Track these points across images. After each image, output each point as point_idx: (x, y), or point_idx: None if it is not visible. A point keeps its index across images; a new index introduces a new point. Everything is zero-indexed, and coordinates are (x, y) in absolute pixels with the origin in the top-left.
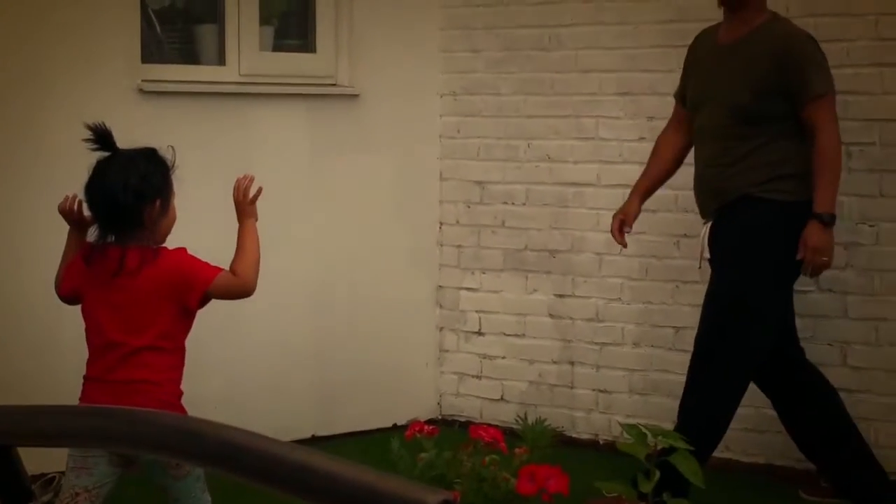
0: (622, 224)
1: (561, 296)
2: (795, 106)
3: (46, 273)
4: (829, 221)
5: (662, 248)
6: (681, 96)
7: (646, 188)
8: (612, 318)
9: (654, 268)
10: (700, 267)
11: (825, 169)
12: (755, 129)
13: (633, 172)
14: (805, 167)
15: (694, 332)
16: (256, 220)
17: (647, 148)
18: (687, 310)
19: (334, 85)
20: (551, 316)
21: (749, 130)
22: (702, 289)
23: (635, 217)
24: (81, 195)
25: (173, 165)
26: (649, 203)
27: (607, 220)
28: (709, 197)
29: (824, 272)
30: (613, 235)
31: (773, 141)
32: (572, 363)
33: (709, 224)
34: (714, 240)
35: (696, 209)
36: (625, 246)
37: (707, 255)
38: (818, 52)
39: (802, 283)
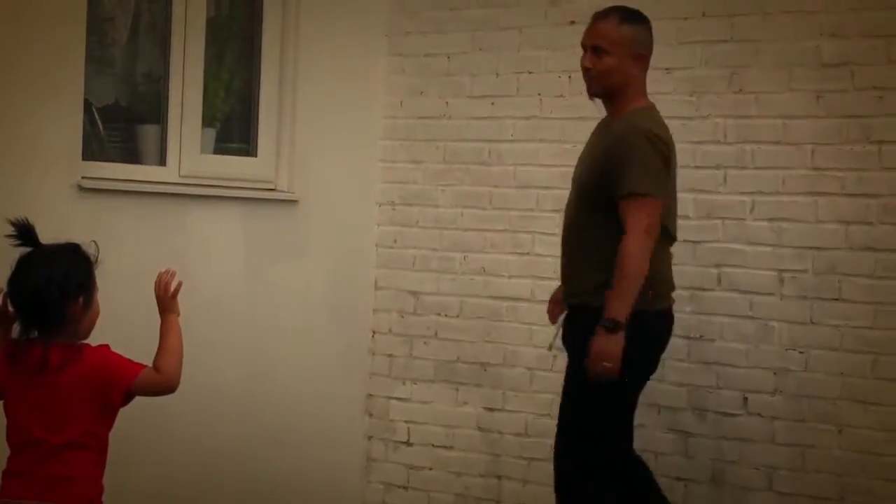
0: (552, 305)
1: (491, 409)
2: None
3: None
4: (611, 328)
5: None
6: None
7: None
8: (541, 434)
9: None
10: (550, 349)
11: (621, 275)
12: (596, 217)
13: None
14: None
15: None
16: (178, 314)
17: None
18: None
19: (273, 189)
20: (480, 429)
21: (591, 218)
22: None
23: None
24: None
25: (97, 261)
26: None
27: (540, 335)
28: (564, 290)
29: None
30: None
31: (610, 236)
32: (499, 477)
33: (565, 312)
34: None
35: None
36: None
37: (559, 343)
38: (649, 151)
39: (731, 406)
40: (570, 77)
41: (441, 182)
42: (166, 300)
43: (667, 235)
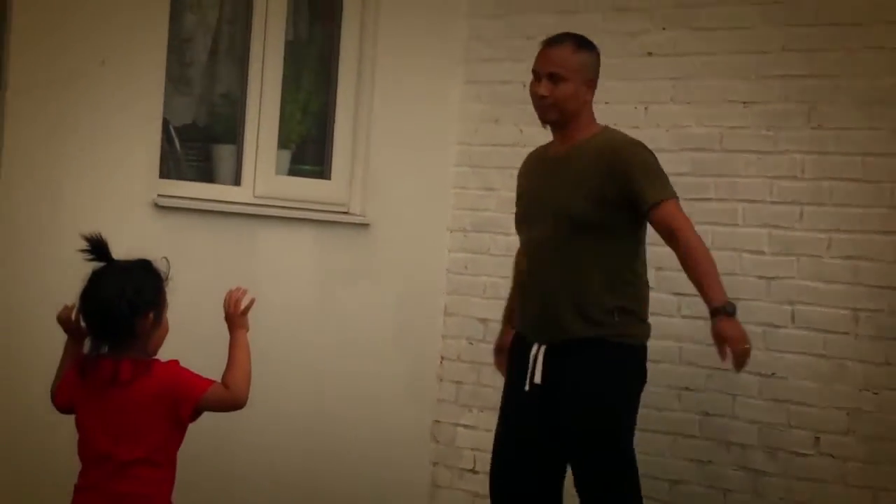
0: (500, 353)
1: None
2: (638, 215)
3: (45, 379)
4: (732, 312)
5: (662, 400)
6: (516, 221)
7: (510, 314)
8: None
9: (654, 419)
10: (528, 389)
11: (705, 262)
12: (596, 243)
13: None
14: (639, 300)
15: (690, 487)
16: (247, 331)
17: (656, 298)
18: (684, 464)
19: (346, 213)
20: None
21: (588, 245)
22: (702, 444)
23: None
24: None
25: (167, 277)
26: (652, 353)
27: None
28: (541, 321)
29: None
30: (499, 370)
31: (615, 257)
32: None
33: (542, 348)
34: (552, 373)
35: (701, 362)
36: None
37: (538, 380)
38: (655, 159)
39: (803, 446)
40: (645, 108)
41: (513, 210)
42: (236, 316)
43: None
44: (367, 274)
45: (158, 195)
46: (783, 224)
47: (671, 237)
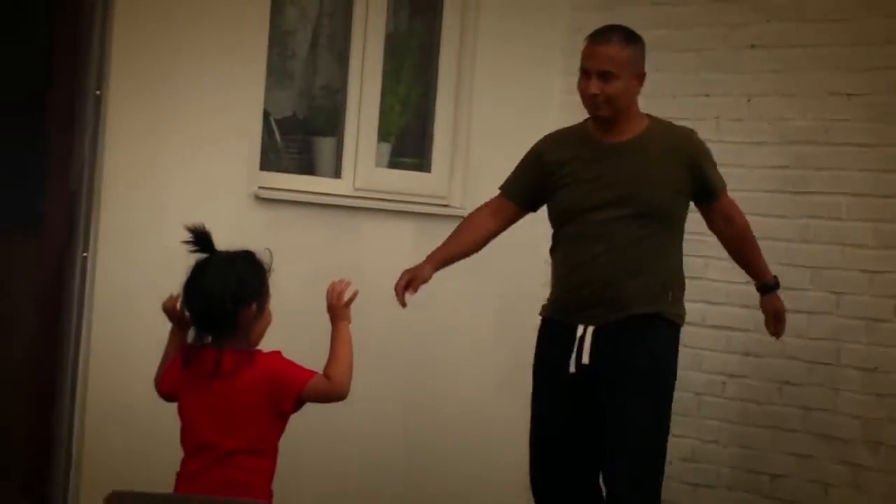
0: (409, 283)
1: None
2: (706, 201)
3: (150, 368)
4: (778, 286)
5: (764, 394)
6: (511, 192)
7: (443, 258)
8: (708, 460)
9: (754, 413)
10: (575, 371)
11: (756, 242)
12: (661, 231)
13: (738, 315)
14: (683, 284)
15: (791, 481)
16: (349, 322)
17: (755, 292)
18: (785, 458)
19: (446, 206)
20: None
21: (653, 232)
22: (803, 438)
23: (423, 282)
24: None
25: (270, 269)
26: (753, 347)
27: (710, 360)
28: (599, 301)
29: None
30: (396, 292)
31: (674, 246)
32: (664, 502)
33: (590, 329)
34: (602, 353)
35: (803, 356)
36: (403, 306)
37: (586, 359)
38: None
39: None
40: (748, 100)
41: None
42: (339, 308)
43: None
44: (465, 266)
45: (259, 187)
46: (887, 218)
47: (729, 222)
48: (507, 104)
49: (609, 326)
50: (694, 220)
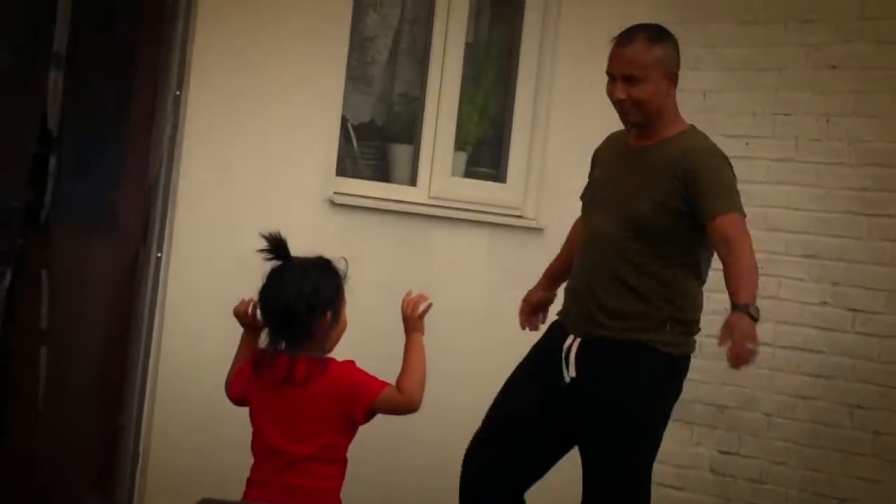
0: (531, 309)
1: (725, 452)
2: (701, 225)
3: (221, 373)
4: (754, 315)
5: (834, 416)
6: (584, 195)
7: (554, 275)
8: (777, 482)
9: (824, 435)
10: (567, 382)
11: (748, 267)
12: (658, 249)
13: (813, 336)
14: (695, 313)
15: None
16: (423, 334)
17: (831, 313)
18: (854, 482)
19: (520, 216)
20: (713, 472)
21: (650, 250)
22: (872, 462)
23: (541, 303)
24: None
25: (345, 276)
26: (825, 369)
27: (780, 381)
28: (583, 313)
29: None
30: (520, 316)
31: (672, 269)
32: None
33: (577, 341)
34: (587, 375)
35: (874, 380)
36: (529, 328)
37: (573, 373)
38: (731, 174)
39: None
40: (827, 121)
41: None
42: (413, 319)
43: (702, 275)
44: (538, 278)
45: (335, 192)
46: None
47: (727, 247)
48: (585, 117)
49: (593, 342)
50: (763, 237)
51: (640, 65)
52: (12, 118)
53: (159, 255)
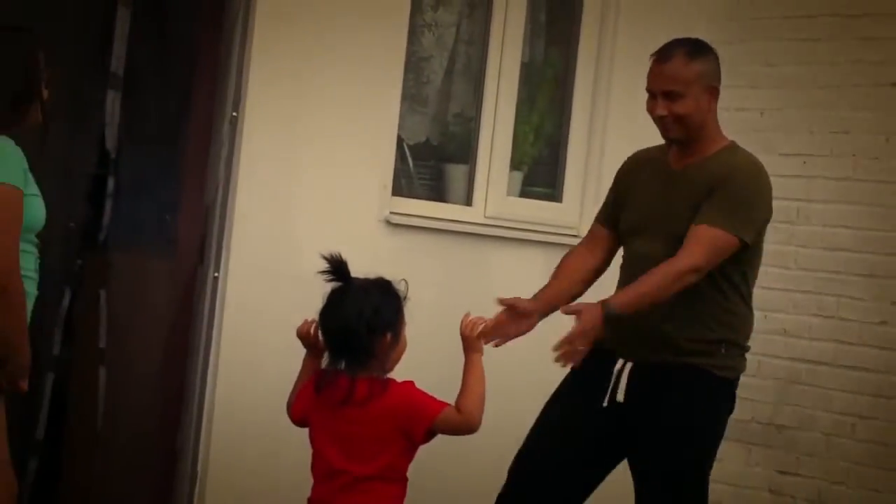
0: (514, 306)
1: (783, 472)
2: (745, 244)
3: (284, 394)
4: (610, 314)
5: (893, 436)
6: (604, 217)
7: (547, 300)
8: (834, 502)
9: (884, 455)
10: (606, 405)
11: (648, 285)
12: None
13: (873, 356)
14: (747, 333)
15: None
16: (482, 355)
17: (891, 332)
18: None
19: (576, 236)
20: (771, 492)
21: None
22: None
23: (524, 312)
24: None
25: (405, 298)
26: (884, 388)
27: (840, 399)
28: (637, 337)
29: None
30: (503, 302)
31: (715, 286)
32: None
33: (627, 364)
34: (639, 400)
35: None
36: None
37: (620, 397)
38: (760, 192)
39: None
40: (886, 139)
41: None
42: (472, 340)
43: (751, 295)
44: (595, 298)
45: (391, 212)
46: None
47: (678, 253)
48: (641, 135)
49: (647, 366)
50: (821, 256)
51: (680, 80)
52: (71, 139)
53: (216, 275)
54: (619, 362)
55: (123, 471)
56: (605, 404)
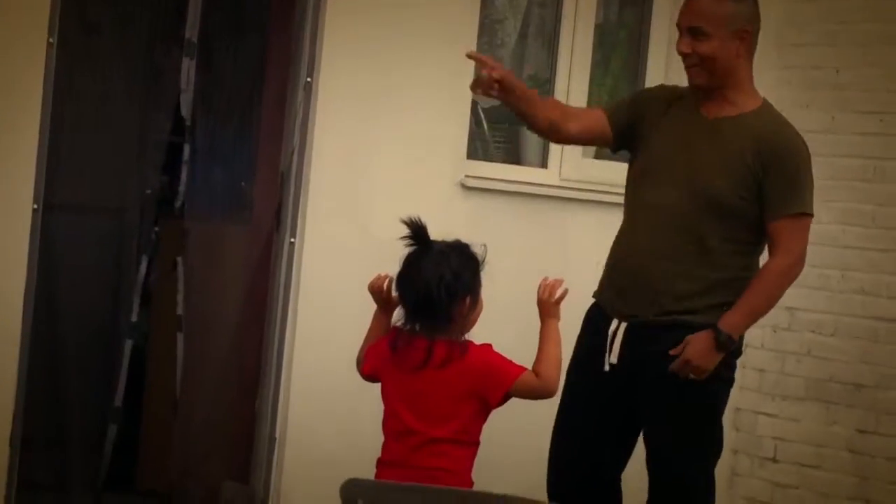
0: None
1: (863, 431)
2: (764, 215)
3: (351, 354)
4: (726, 344)
5: None
6: (611, 111)
7: (528, 97)
8: None
9: None
10: (607, 369)
11: (763, 294)
12: (728, 231)
13: None
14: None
15: None
16: (559, 320)
17: None
18: None
19: None
20: (851, 451)
21: (719, 230)
22: None
23: (499, 71)
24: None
25: (483, 262)
26: None
27: None
28: (650, 303)
29: None
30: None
31: (729, 249)
32: (868, 501)
33: (622, 325)
34: (637, 354)
35: None
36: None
37: (614, 359)
38: (810, 165)
39: None
40: None
41: (824, 198)
42: (549, 305)
43: None
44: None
45: (466, 176)
46: None
47: (772, 254)
48: None
49: (642, 325)
50: None
51: (707, 17)
52: (146, 106)
53: (292, 240)
54: (614, 323)
55: (202, 436)
56: (605, 368)
